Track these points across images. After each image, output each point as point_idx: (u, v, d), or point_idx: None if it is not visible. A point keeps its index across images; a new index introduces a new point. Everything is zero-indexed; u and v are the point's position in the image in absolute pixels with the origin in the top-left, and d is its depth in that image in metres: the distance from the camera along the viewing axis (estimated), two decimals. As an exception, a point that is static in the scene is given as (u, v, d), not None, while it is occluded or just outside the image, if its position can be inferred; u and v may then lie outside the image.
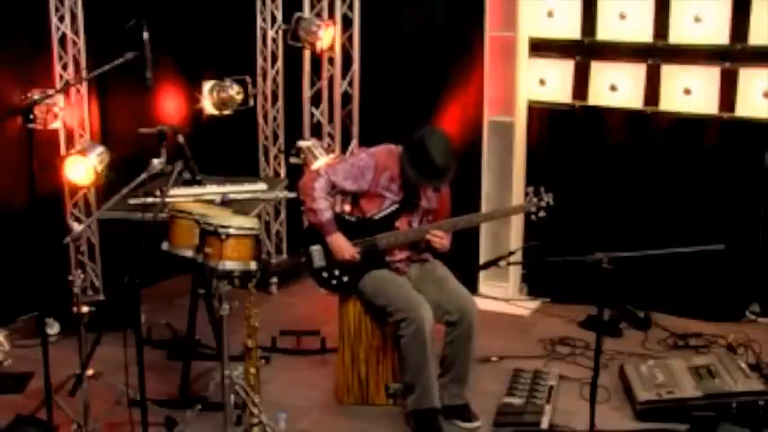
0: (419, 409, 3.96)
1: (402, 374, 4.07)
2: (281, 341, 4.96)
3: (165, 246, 3.59)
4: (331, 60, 6.03)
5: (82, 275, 3.89)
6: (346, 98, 6.08)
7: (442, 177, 4.05)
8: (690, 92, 5.14)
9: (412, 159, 4.02)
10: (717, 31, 4.99)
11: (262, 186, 4.51)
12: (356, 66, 6.04)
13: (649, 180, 5.39)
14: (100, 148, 4.93)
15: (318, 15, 5.87)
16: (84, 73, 5.08)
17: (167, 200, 3.73)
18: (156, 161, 3.61)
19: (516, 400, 4.18)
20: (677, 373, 4.25)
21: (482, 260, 5.63)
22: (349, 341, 4.25)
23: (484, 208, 5.69)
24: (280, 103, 6.15)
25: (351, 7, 5.95)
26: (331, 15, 5.90)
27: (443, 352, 4.08)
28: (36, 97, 4.67)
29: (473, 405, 4.13)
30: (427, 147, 3.99)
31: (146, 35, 3.86)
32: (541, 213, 4.27)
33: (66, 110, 5.11)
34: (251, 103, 6.00)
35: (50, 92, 4.77)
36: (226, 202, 4.16)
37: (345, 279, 4.15)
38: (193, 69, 6.02)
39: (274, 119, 6.16)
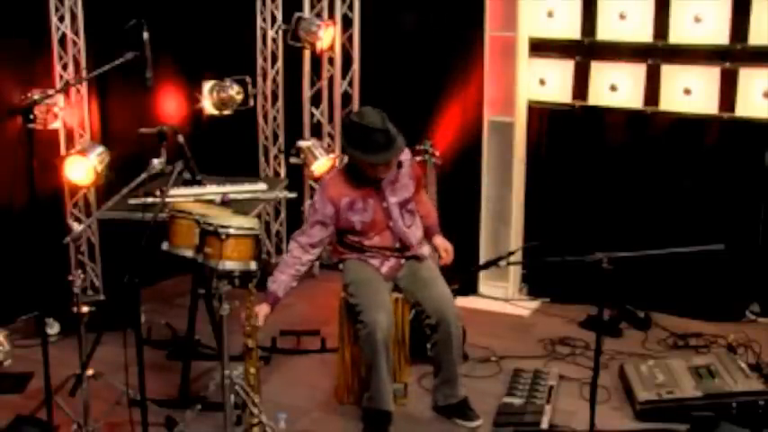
0: (370, 408, 4.00)
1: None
2: (281, 341, 4.96)
3: (165, 246, 3.59)
4: (331, 60, 6.03)
5: (82, 275, 3.88)
6: (346, 98, 6.09)
7: (387, 143, 3.79)
8: (690, 92, 5.14)
9: (352, 140, 3.83)
10: (717, 31, 4.98)
11: (262, 186, 4.51)
12: (356, 66, 6.04)
13: (649, 180, 5.38)
14: (100, 148, 4.93)
15: (318, 15, 5.87)
16: (84, 73, 5.08)
17: (167, 200, 3.73)
18: (156, 161, 3.61)
19: (516, 400, 4.18)
20: (677, 373, 4.25)
21: (482, 260, 5.63)
22: (349, 341, 4.25)
23: (484, 208, 5.70)
24: (280, 103, 6.15)
25: (351, 7, 5.95)
26: (331, 15, 5.91)
27: (430, 353, 4.11)
28: (36, 97, 4.67)
29: (474, 405, 4.13)
30: (359, 119, 3.83)
31: (146, 35, 3.86)
32: None
33: (67, 110, 5.11)
34: (251, 103, 6.00)
35: (50, 92, 4.77)
36: (226, 202, 4.16)
37: None
38: (193, 69, 6.02)
39: (274, 119, 6.16)
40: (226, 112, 5.89)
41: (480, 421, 4.08)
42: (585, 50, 5.39)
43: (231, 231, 3.44)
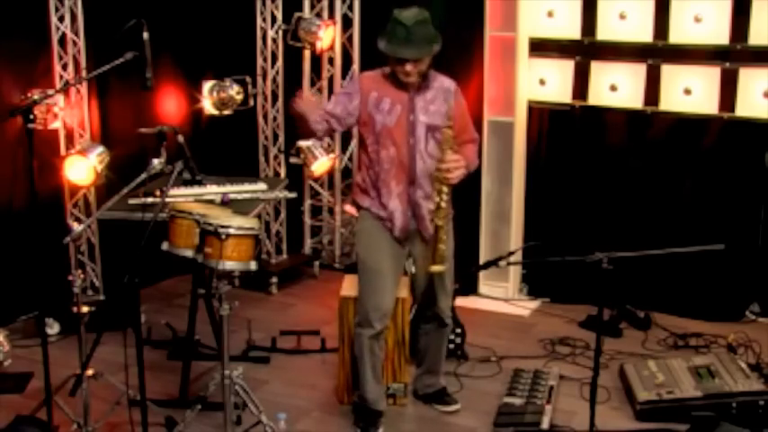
0: (362, 398, 4.06)
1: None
2: (281, 341, 4.96)
3: (165, 246, 3.59)
4: (331, 60, 6.04)
5: (82, 275, 3.88)
6: (346, 98, 6.08)
7: (409, 39, 3.73)
8: (690, 92, 5.14)
9: (383, 31, 3.81)
10: (717, 31, 4.99)
11: (262, 186, 4.51)
12: (356, 66, 6.04)
13: (649, 180, 5.39)
14: (100, 148, 4.94)
15: (318, 15, 5.88)
16: (84, 73, 5.08)
17: (167, 200, 3.73)
18: (156, 161, 3.62)
19: (516, 400, 4.18)
20: (677, 373, 4.25)
21: (482, 260, 5.63)
22: (349, 341, 4.24)
23: (484, 208, 5.70)
24: (280, 103, 6.15)
25: (351, 7, 5.96)
26: (331, 15, 5.91)
27: (418, 343, 4.21)
28: (36, 97, 4.65)
29: (475, 405, 4.13)
30: (396, 12, 3.80)
31: (146, 35, 3.86)
32: None
33: (67, 110, 5.11)
34: (251, 103, 6.00)
35: (50, 92, 4.76)
36: (226, 202, 4.17)
37: None
38: (193, 69, 6.01)
39: (274, 119, 6.15)
40: (226, 112, 5.89)
41: (458, 405, 4.19)
42: (585, 50, 5.39)
43: (231, 231, 3.44)
